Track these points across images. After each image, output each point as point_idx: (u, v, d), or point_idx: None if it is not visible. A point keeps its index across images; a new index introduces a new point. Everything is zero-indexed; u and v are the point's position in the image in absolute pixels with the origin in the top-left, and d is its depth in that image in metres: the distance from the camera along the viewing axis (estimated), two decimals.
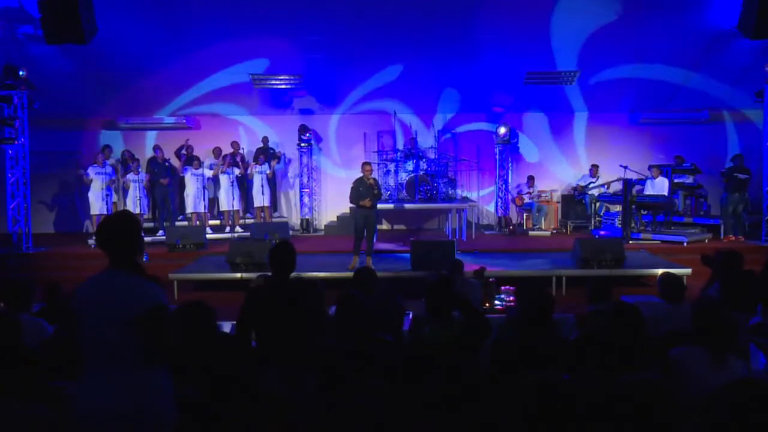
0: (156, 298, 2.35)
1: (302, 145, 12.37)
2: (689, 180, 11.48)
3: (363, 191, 8.12)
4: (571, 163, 13.00)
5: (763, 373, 3.29)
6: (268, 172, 11.68)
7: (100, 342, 2.32)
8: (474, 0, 9.72)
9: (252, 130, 12.85)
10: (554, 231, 12.10)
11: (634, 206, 10.43)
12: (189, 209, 11.33)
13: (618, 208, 11.16)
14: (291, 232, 11.28)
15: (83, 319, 2.36)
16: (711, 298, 4.26)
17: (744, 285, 4.21)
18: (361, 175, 8.28)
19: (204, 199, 11.26)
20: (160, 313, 2.33)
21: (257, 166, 11.59)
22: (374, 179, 8.35)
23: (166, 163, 11.29)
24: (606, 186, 11.74)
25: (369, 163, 8.50)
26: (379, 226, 11.35)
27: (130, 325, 2.27)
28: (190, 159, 11.35)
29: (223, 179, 11.30)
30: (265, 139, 12.34)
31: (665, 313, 4.01)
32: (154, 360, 2.32)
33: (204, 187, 11.21)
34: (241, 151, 11.80)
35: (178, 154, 11.86)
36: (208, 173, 11.35)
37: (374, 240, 8.69)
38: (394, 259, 9.07)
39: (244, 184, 11.81)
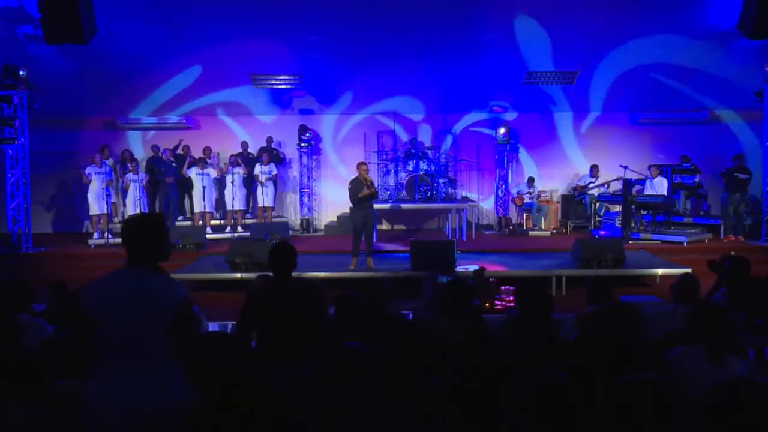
0: (183, 293, 2.47)
1: (302, 145, 12.37)
2: (690, 180, 11.48)
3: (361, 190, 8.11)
4: (571, 163, 13.00)
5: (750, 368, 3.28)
6: (273, 173, 11.68)
7: (127, 339, 2.36)
8: (475, 0, 9.73)
9: (252, 130, 12.84)
10: (554, 231, 12.10)
11: (633, 206, 10.42)
12: (196, 209, 11.33)
13: (618, 208, 11.16)
14: (291, 232, 11.29)
15: (107, 317, 2.38)
16: (710, 300, 4.24)
17: (751, 292, 4.17)
18: (357, 175, 8.22)
19: (211, 199, 11.27)
20: (189, 307, 2.48)
21: (262, 165, 11.57)
22: (370, 179, 8.26)
23: (173, 163, 11.29)
24: (606, 186, 11.73)
25: (365, 163, 8.42)
26: (379, 226, 11.35)
27: (162, 320, 2.36)
28: (196, 159, 11.37)
29: (229, 179, 11.30)
30: (269, 139, 12.33)
31: (665, 313, 4.01)
32: (185, 352, 2.42)
33: (212, 187, 11.23)
34: (250, 151, 11.81)
35: (174, 154, 11.86)
36: (214, 173, 11.35)
37: (373, 240, 8.67)
38: (394, 259, 9.07)
39: (249, 184, 11.82)
